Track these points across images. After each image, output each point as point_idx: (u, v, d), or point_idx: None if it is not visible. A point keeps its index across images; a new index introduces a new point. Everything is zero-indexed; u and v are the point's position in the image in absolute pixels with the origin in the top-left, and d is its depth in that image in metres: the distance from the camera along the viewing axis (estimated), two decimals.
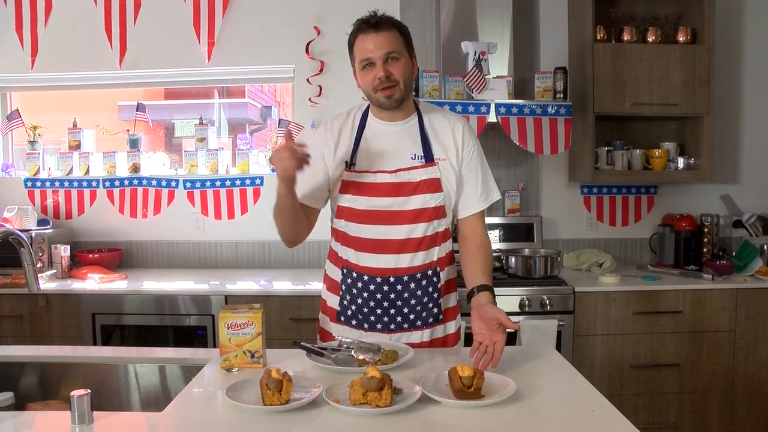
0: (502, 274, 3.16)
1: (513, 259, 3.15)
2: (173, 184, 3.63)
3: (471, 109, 3.10)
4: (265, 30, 3.58)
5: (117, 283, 3.14)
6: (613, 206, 3.67)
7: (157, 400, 1.72)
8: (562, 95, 3.20)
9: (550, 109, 3.15)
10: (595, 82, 3.23)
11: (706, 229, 3.43)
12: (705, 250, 3.42)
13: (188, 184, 3.63)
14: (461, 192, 1.90)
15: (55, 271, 3.26)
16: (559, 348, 2.85)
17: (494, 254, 3.17)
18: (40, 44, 3.64)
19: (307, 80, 3.54)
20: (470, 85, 3.09)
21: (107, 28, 3.60)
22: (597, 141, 3.32)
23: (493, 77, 3.16)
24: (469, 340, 1.72)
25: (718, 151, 3.49)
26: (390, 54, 1.77)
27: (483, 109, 3.11)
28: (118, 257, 3.56)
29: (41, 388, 1.79)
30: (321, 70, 3.53)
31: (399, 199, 1.82)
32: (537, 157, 3.59)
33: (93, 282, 3.13)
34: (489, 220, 3.44)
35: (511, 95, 3.17)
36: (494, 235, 3.48)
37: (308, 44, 3.51)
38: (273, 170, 3.53)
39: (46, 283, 3.10)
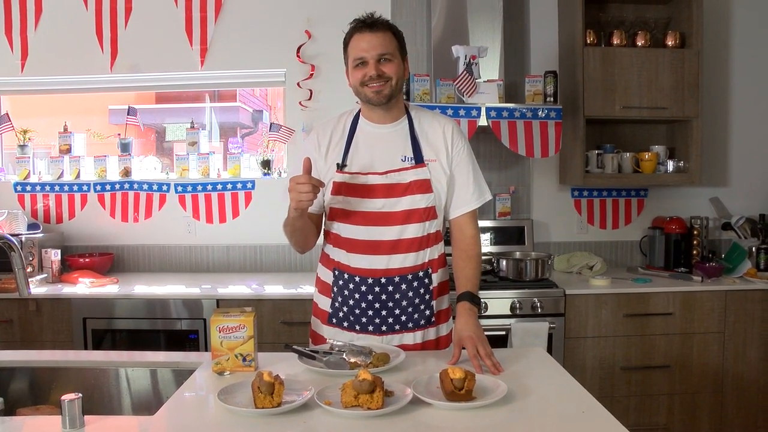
0: (493, 277, 3.17)
1: (504, 262, 3.16)
2: (164, 188, 3.63)
3: (462, 113, 3.11)
4: (257, 34, 3.58)
5: (108, 288, 3.13)
6: (603, 209, 3.69)
7: (149, 404, 1.72)
8: (552, 99, 3.21)
9: (540, 113, 3.16)
10: (585, 86, 3.25)
11: (695, 232, 3.46)
12: (695, 252, 3.45)
13: (179, 188, 3.62)
14: (453, 192, 1.92)
15: (45, 275, 3.24)
16: (550, 350, 2.86)
17: (485, 257, 3.19)
18: (30, 48, 3.62)
19: (298, 84, 3.54)
20: (461, 89, 3.10)
21: (98, 31, 3.59)
22: (587, 144, 3.34)
23: (484, 81, 3.17)
24: None
25: (707, 154, 3.52)
26: (383, 55, 1.80)
27: (474, 113, 3.12)
28: (109, 261, 3.54)
29: (31, 393, 1.78)
30: (312, 74, 3.53)
31: (390, 200, 1.84)
32: (528, 161, 3.61)
33: (84, 286, 3.11)
34: (480, 223, 3.44)
35: (502, 99, 3.17)
36: (485, 238, 3.49)
37: (299, 48, 3.52)
38: (265, 171, 3.56)
39: (37, 288, 3.08)
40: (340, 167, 1.87)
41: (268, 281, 3.26)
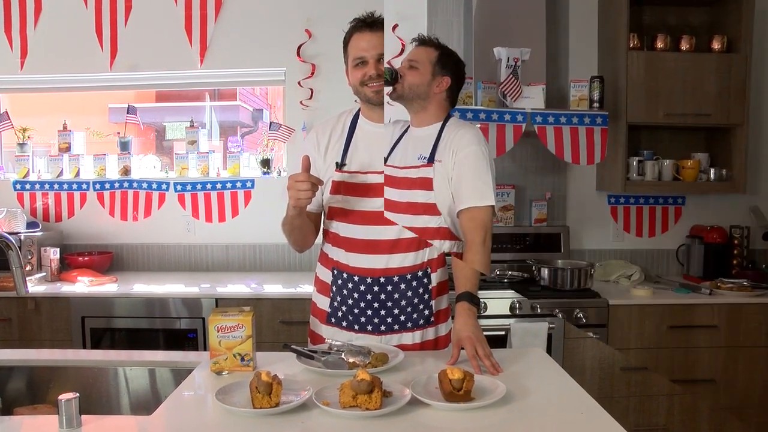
0: (534, 286, 3.16)
1: (545, 271, 3.13)
2: (164, 186, 3.62)
3: (507, 117, 3.02)
4: (257, 33, 3.57)
5: (107, 286, 3.13)
6: (640, 217, 3.63)
7: (147, 404, 1.71)
8: (598, 104, 3.14)
9: (586, 119, 3.09)
10: (629, 91, 3.17)
11: (735, 241, 3.39)
12: (735, 262, 3.38)
13: (179, 187, 3.62)
14: (454, 191, 1.86)
15: (44, 274, 3.24)
16: (549, 351, 2.85)
17: (525, 265, 3.22)
18: (29, 46, 3.62)
19: (299, 83, 3.54)
20: (506, 92, 3.01)
21: (98, 30, 3.58)
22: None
23: (526, 85, 3.08)
24: None
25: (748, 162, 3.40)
26: (383, 54, 1.78)
27: (519, 117, 3.03)
28: (108, 260, 3.54)
29: (29, 392, 1.77)
30: (312, 73, 3.53)
31: (389, 199, 1.83)
32: (565, 166, 3.53)
33: (83, 285, 3.11)
34: (516, 230, 3.45)
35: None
36: (521, 246, 3.46)
37: (299, 47, 3.51)
38: (262, 170, 3.55)
39: (35, 286, 3.08)
40: (339, 166, 1.87)
41: (267, 280, 3.26)
